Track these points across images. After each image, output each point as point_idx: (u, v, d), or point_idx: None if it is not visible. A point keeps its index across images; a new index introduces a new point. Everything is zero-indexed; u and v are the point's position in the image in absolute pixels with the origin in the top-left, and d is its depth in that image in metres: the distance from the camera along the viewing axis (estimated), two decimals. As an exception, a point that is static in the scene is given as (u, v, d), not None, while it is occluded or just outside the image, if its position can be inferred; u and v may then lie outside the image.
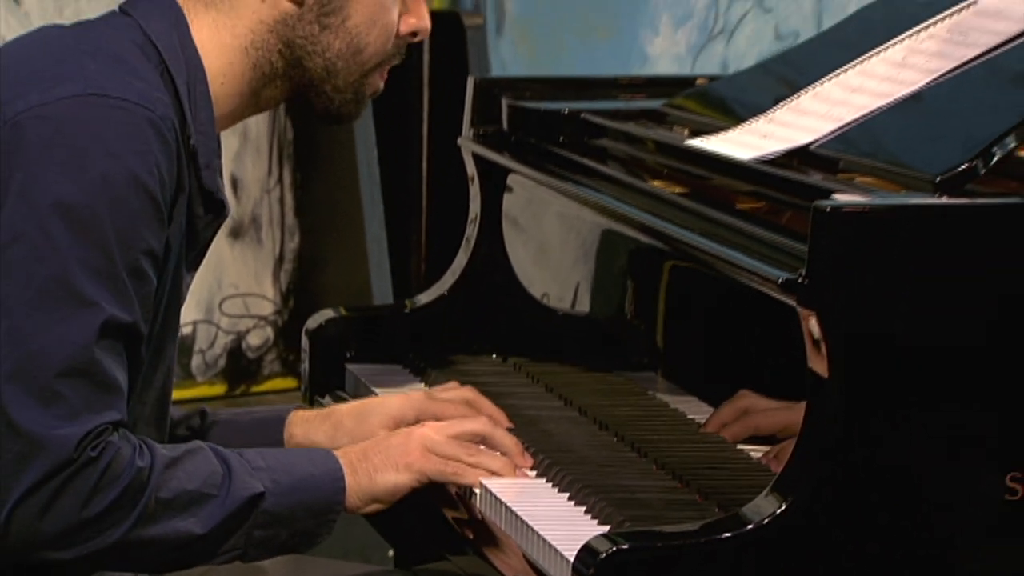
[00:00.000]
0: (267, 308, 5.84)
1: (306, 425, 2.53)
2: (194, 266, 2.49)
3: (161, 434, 2.46)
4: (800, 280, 2.06)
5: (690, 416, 2.52)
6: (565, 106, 2.99)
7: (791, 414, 2.18)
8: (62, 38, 2.43)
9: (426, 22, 2.55)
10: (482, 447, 2.45)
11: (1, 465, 2.23)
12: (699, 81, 3.00)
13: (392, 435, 2.46)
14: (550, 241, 2.95)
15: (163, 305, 2.37)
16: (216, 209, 2.46)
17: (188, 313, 5.62)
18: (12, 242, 2.23)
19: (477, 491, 2.41)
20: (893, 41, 2.60)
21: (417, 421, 2.49)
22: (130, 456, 2.25)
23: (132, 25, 2.41)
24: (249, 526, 2.31)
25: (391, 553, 2.81)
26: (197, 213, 2.42)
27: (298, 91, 2.49)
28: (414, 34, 2.55)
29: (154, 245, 2.29)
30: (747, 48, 5.43)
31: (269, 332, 5.78)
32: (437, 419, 2.49)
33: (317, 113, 2.53)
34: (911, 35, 2.60)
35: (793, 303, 2.07)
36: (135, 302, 2.27)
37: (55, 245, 2.23)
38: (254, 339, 5.75)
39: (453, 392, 2.54)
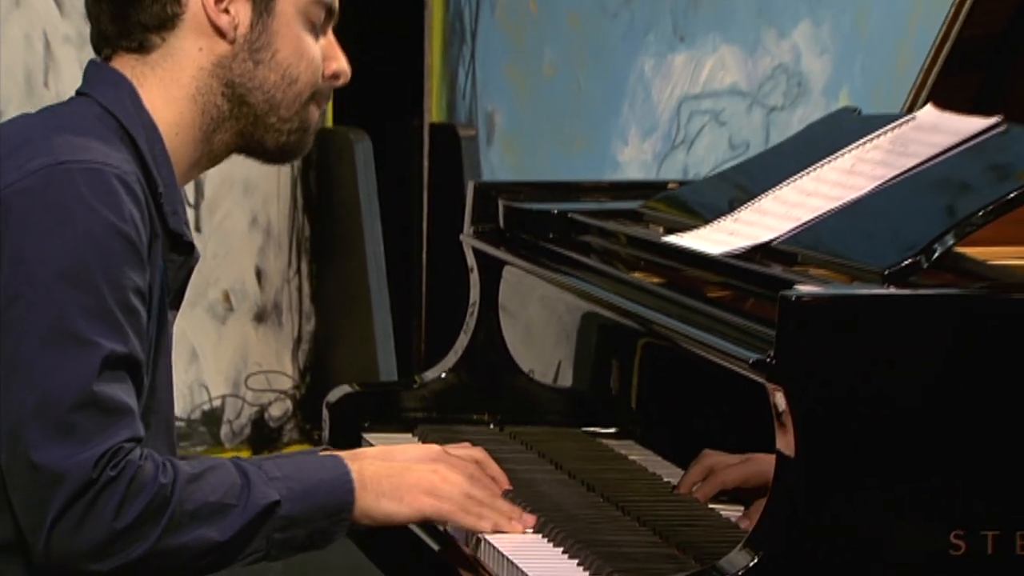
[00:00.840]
0: (287, 383, 5.85)
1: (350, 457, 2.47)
2: (175, 305, 2.46)
3: (173, 450, 2.44)
4: (769, 360, 2.04)
5: (666, 478, 2.50)
6: (554, 207, 2.99)
7: (749, 467, 2.22)
8: (29, 122, 2.43)
9: (345, 66, 2.50)
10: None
11: (32, 497, 2.21)
12: (670, 185, 2.99)
13: (410, 469, 2.41)
14: (540, 324, 2.94)
15: (153, 341, 2.34)
16: (186, 250, 2.43)
17: (217, 388, 5.62)
18: (12, 302, 2.22)
19: (481, 541, 2.37)
20: (842, 151, 2.60)
21: None
22: (153, 473, 2.21)
23: (90, 102, 2.39)
24: (267, 529, 2.28)
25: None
26: (170, 257, 2.39)
27: (247, 131, 2.45)
28: (336, 76, 2.48)
29: (139, 283, 2.26)
30: (705, 155, 5.47)
31: (289, 404, 5.78)
32: None
33: (270, 151, 2.48)
34: (858, 146, 2.60)
35: (762, 380, 2.04)
36: (130, 334, 2.24)
37: (52, 298, 2.21)
38: (275, 410, 5.76)
39: (465, 451, 2.49)
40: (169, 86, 2.41)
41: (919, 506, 2.03)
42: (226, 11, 2.40)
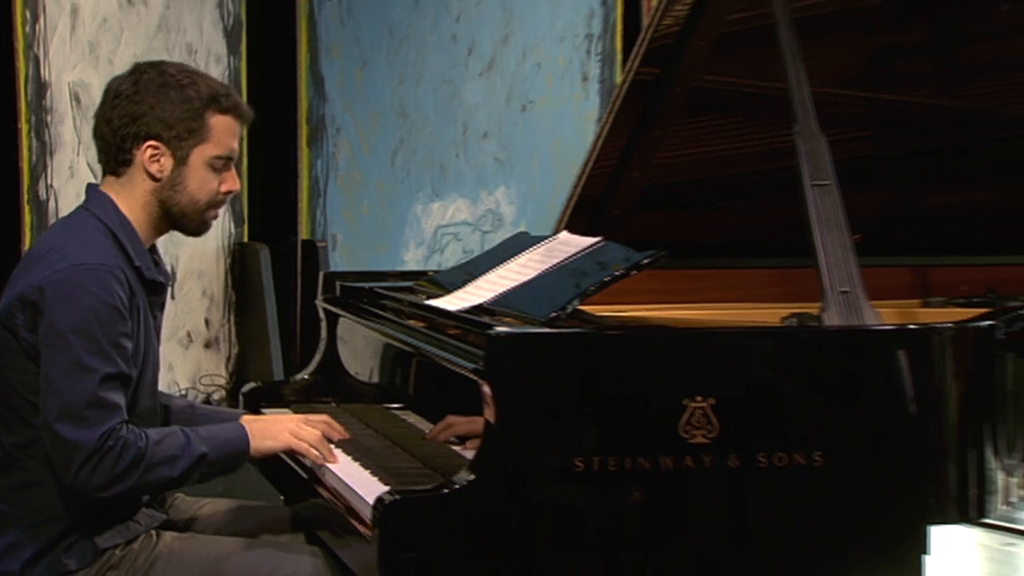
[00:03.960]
0: (222, 382, 5.77)
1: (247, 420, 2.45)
2: (161, 310, 2.44)
3: (155, 423, 2.40)
4: (480, 368, 2.05)
5: (426, 430, 2.47)
6: (366, 284, 2.95)
7: (471, 424, 2.16)
8: (55, 232, 2.40)
9: (236, 186, 2.44)
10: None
11: (64, 459, 2.18)
12: (430, 273, 2.94)
13: (279, 420, 2.43)
14: (359, 349, 2.87)
15: (143, 348, 2.31)
16: (160, 290, 2.41)
17: (184, 384, 5.53)
18: (47, 347, 2.21)
19: (323, 467, 2.36)
20: (520, 254, 2.59)
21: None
22: (133, 440, 2.20)
23: (90, 216, 2.35)
24: (200, 468, 2.26)
25: (282, 498, 2.72)
26: (151, 300, 2.37)
27: (175, 224, 2.41)
28: (229, 192, 2.42)
29: (124, 330, 2.24)
30: (450, 258, 5.43)
31: (223, 393, 5.70)
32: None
33: (189, 232, 2.44)
34: (528, 252, 2.58)
35: (477, 379, 2.05)
36: (119, 361, 2.22)
37: (69, 345, 2.19)
38: (216, 397, 5.68)
39: (318, 416, 2.48)
40: (130, 199, 2.37)
41: (557, 443, 2.01)
42: (157, 161, 2.35)
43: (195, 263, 5.63)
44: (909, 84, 2.84)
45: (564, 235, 2.56)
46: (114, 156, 2.36)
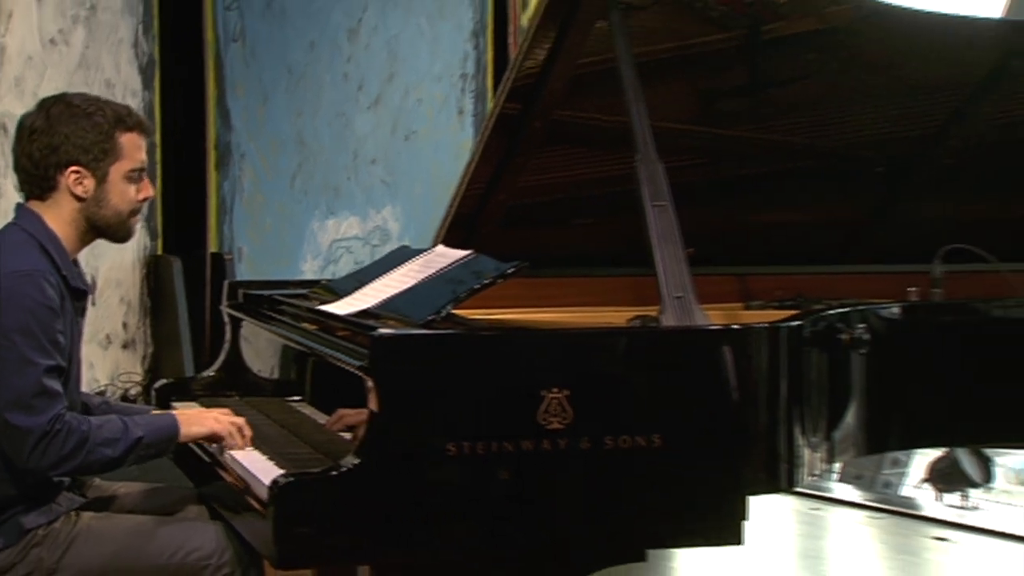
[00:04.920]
0: (138, 379, 5.65)
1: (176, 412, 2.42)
2: (83, 315, 2.38)
3: (77, 411, 2.33)
4: (366, 364, 2.03)
5: (321, 421, 2.43)
6: (268, 292, 2.91)
7: (359, 415, 2.11)
8: None
9: (151, 192, 2.41)
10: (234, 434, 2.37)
11: (15, 445, 2.14)
12: (323, 281, 2.87)
13: (203, 412, 2.41)
14: (260, 348, 2.82)
15: (68, 347, 2.26)
16: (83, 297, 2.36)
17: (103, 381, 5.40)
18: None
19: (226, 452, 2.33)
20: (402, 265, 2.56)
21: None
22: (77, 424, 2.16)
23: (20, 230, 2.30)
24: (137, 450, 2.22)
25: (191, 484, 2.66)
26: (75, 305, 2.32)
27: (101, 233, 2.36)
28: (145, 199, 2.40)
29: (59, 327, 2.20)
30: (344, 268, 5.42)
31: (139, 389, 5.59)
32: None
33: (115, 239, 2.40)
34: (411, 261, 2.56)
35: (362, 374, 2.03)
36: (55, 355, 2.18)
37: (14, 344, 2.14)
38: (132, 392, 5.56)
39: (224, 410, 2.44)
40: (57, 218, 2.32)
41: (432, 431, 2.00)
42: (80, 184, 2.31)
43: (114, 273, 5.52)
44: (732, 120, 2.89)
45: (440, 248, 2.56)
46: (38, 184, 2.32)
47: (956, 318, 2.57)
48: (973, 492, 4.59)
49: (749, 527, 2.08)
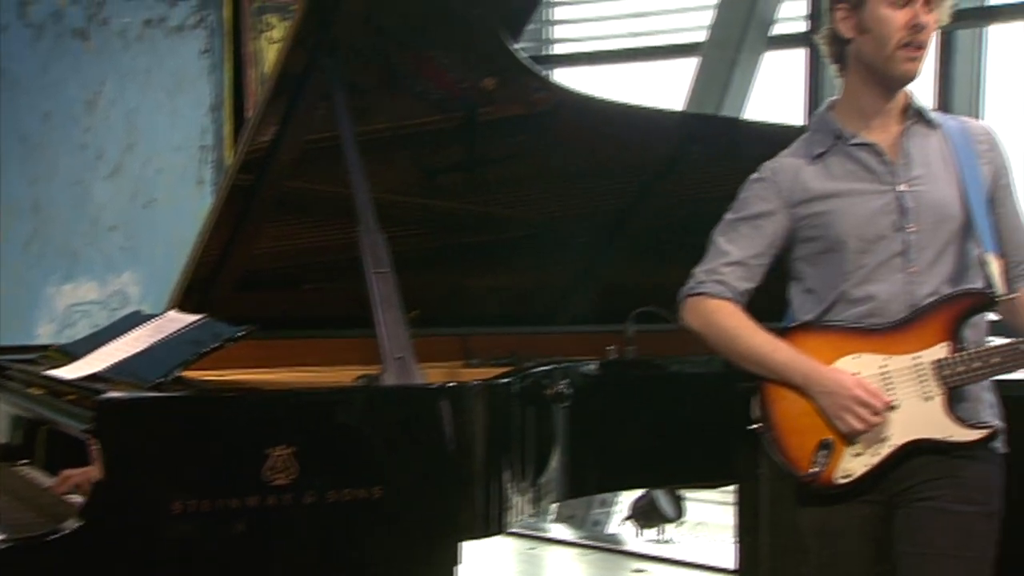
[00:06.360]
0: None
1: None
2: None
3: None
4: (92, 427, 1.97)
5: (47, 484, 2.29)
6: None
7: (86, 473, 2.03)
8: None
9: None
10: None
11: None
12: (54, 346, 2.70)
13: None
14: None
15: None
16: None
17: None
18: None
19: None
20: (133, 330, 2.50)
21: None
22: None
23: None
24: None
25: None
26: None
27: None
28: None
29: None
30: (82, 331, 5.05)
31: None
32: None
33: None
34: (143, 326, 2.49)
35: (86, 438, 1.96)
36: None
37: None
38: None
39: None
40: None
41: (158, 490, 1.94)
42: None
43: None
44: (452, 193, 2.99)
45: (172, 313, 2.52)
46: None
47: (643, 373, 2.73)
48: (668, 528, 4.83)
49: (470, 569, 2.14)
